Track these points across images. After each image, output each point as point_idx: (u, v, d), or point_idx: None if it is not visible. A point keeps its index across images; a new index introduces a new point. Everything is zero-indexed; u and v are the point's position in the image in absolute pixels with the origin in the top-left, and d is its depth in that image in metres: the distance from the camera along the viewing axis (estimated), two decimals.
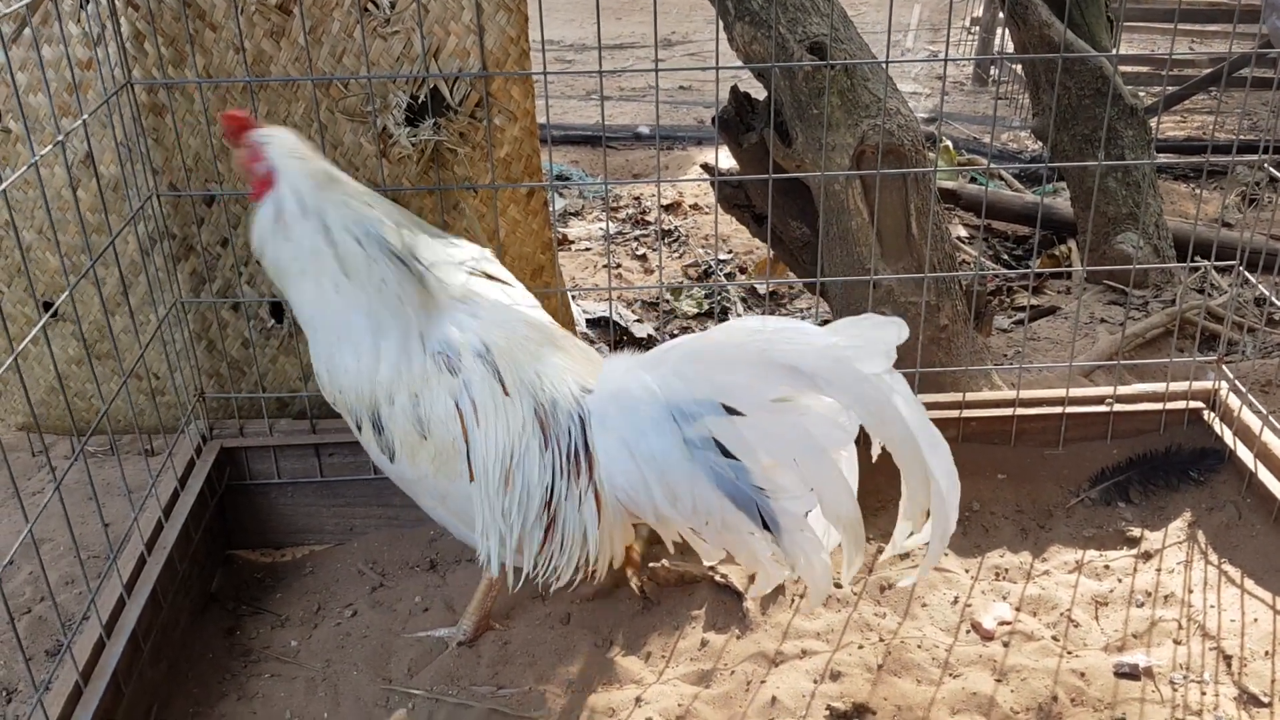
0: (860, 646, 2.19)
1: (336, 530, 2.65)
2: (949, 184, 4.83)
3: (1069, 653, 2.17)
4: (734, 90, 3.10)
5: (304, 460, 2.59)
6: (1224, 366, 2.73)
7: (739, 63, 2.99)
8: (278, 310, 2.64)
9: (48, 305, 2.68)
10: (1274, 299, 2.68)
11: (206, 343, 2.65)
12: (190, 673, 2.23)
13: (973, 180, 5.06)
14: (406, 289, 1.97)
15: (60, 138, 1.89)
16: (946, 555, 2.48)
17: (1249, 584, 2.31)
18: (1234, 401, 2.64)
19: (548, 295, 2.62)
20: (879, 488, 2.20)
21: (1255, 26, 6.00)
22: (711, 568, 2.37)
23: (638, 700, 2.08)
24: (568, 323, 2.71)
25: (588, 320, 3.66)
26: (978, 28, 7.65)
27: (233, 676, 2.23)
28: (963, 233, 4.62)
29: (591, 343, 3.46)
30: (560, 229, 4.57)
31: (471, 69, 2.32)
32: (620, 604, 2.37)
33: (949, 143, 5.66)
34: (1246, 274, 2.70)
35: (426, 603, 2.41)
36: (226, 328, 2.65)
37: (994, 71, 7.17)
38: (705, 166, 3.43)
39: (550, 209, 2.47)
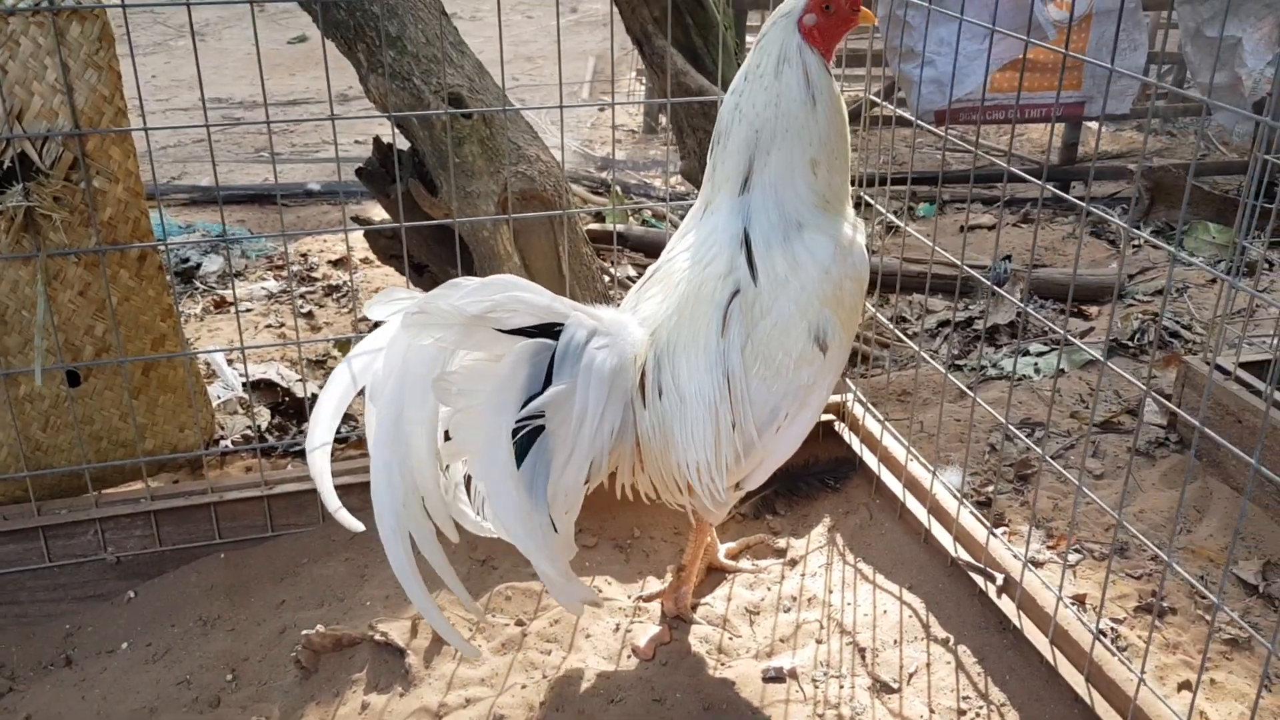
0: (524, 686, 2.19)
1: None
2: (619, 226, 5.00)
3: (722, 664, 2.26)
4: (376, 141, 3.08)
5: None
6: (848, 380, 2.95)
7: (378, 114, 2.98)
8: None
9: None
10: (883, 321, 2.93)
11: None
12: None
13: (644, 222, 5.26)
14: None
15: None
16: (610, 584, 2.53)
17: (880, 579, 2.49)
18: (859, 411, 2.86)
19: (174, 363, 2.49)
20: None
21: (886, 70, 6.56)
22: (371, 626, 2.31)
23: None
24: (200, 393, 2.58)
25: (248, 383, 3.50)
26: (644, 78, 8.00)
27: None
28: (632, 272, 4.78)
29: (250, 406, 3.32)
30: (220, 291, 4.38)
31: (62, 129, 2.18)
32: (275, 678, 2.27)
33: (619, 188, 5.86)
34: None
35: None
36: None
37: (663, 119, 7.50)
38: (356, 218, 3.39)
39: (168, 272, 2.35)
